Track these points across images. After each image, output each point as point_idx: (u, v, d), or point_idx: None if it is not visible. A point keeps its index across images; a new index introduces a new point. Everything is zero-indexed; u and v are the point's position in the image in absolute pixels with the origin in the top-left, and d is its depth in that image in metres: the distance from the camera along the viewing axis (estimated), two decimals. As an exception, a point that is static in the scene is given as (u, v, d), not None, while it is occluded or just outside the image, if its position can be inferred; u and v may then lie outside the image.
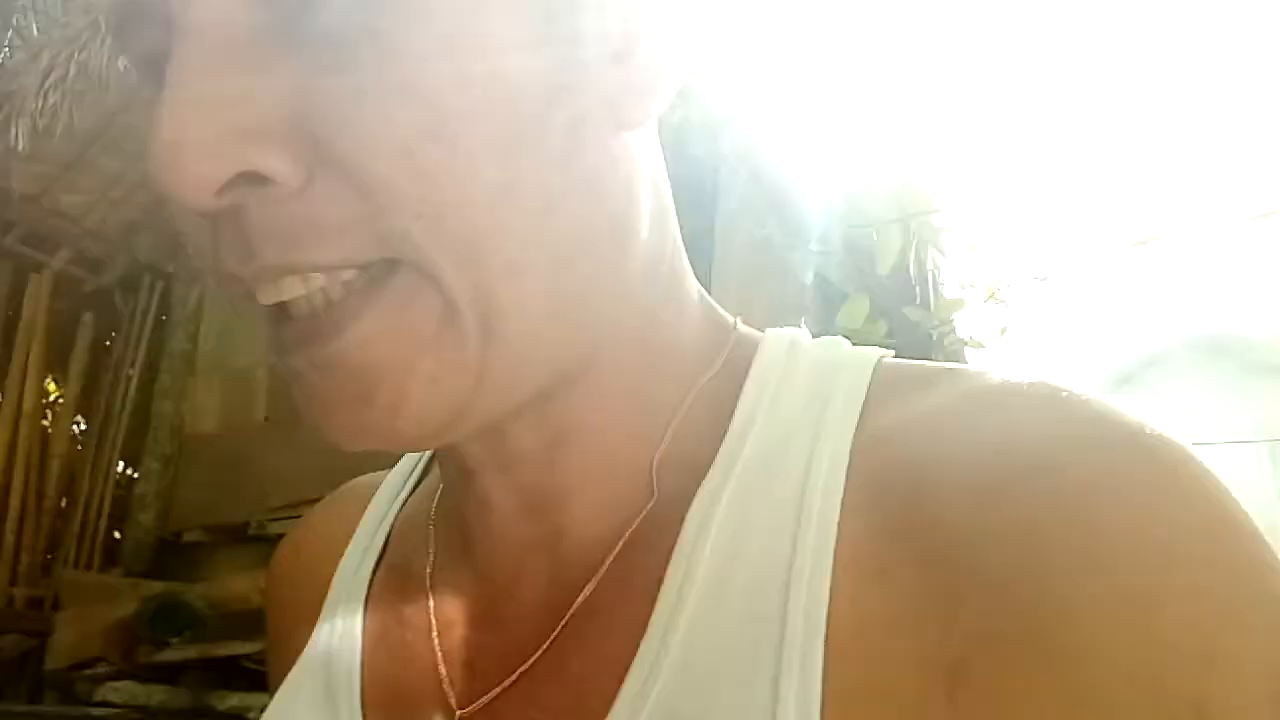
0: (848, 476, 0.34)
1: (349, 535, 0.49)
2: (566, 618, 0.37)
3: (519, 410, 0.36)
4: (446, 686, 0.39)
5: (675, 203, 0.41)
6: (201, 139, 0.29)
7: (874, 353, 0.40)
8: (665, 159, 0.40)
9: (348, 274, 0.31)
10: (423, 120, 0.30)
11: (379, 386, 0.32)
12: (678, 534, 0.35)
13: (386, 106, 0.30)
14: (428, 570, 0.43)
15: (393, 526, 0.48)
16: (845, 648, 0.31)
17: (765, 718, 0.30)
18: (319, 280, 0.31)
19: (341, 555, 0.48)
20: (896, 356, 0.41)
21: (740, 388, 0.39)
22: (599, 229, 0.35)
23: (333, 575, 0.48)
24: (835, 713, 0.30)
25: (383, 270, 0.31)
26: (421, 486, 0.49)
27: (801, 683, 0.30)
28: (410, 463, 0.50)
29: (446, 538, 0.44)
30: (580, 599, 0.37)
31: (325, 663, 0.44)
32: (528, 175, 0.32)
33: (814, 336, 0.42)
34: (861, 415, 0.36)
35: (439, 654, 0.40)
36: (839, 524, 0.33)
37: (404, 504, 0.49)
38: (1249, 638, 0.27)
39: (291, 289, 0.31)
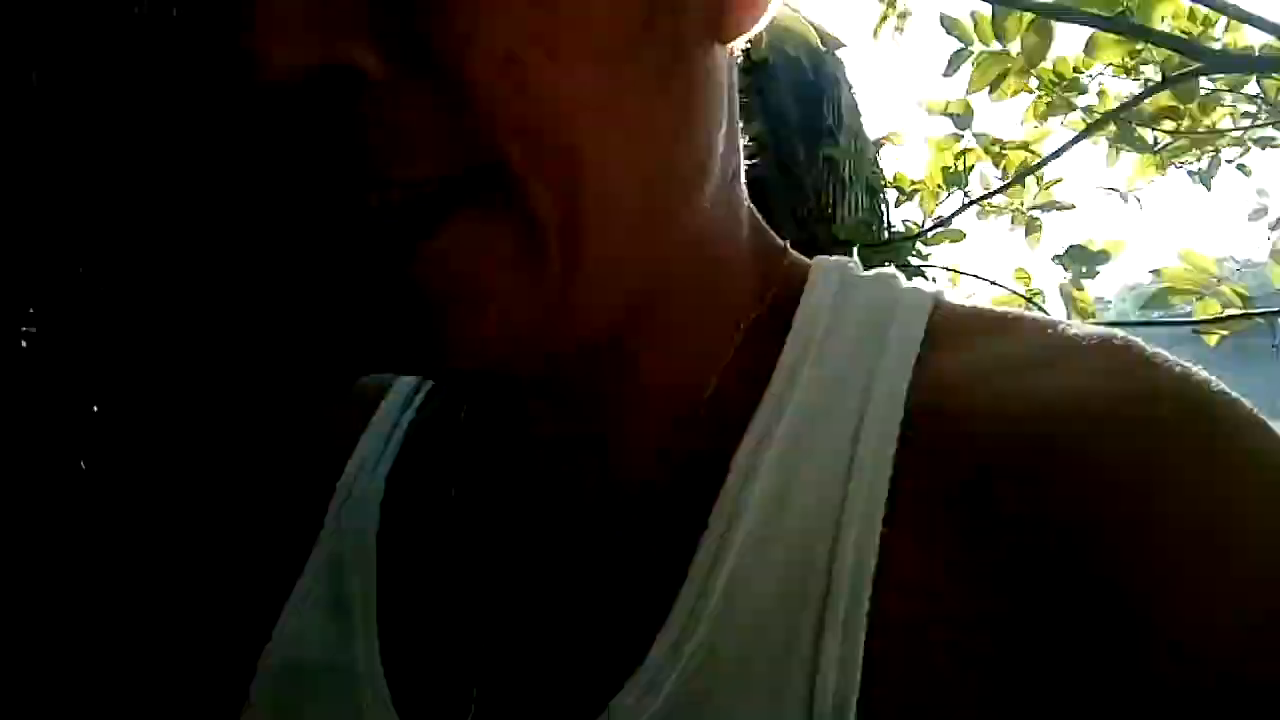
0: (903, 428, 0.32)
1: (357, 434, 0.46)
2: (603, 554, 0.35)
3: (586, 346, 0.33)
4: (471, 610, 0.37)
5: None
6: (286, 23, 0.25)
7: (929, 290, 0.38)
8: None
9: (428, 187, 0.28)
10: (529, 24, 0.27)
11: (448, 310, 0.29)
12: (723, 478, 0.34)
13: (491, 5, 0.27)
14: (451, 489, 0.41)
15: (407, 434, 0.45)
16: (891, 610, 0.30)
17: (805, 675, 0.30)
18: (397, 193, 0.28)
19: (348, 455, 0.46)
20: None
21: (789, 323, 0.37)
22: (690, 151, 0.33)
23: (338, 475, 0.45)
24: (876, 674, 0.29)
25: (463, 184, 0.28)
26: (435, 392, 0.46)
27: (845, 643, 0.29)
28: None
29: (472, 455, 0.41)
30: (620, 535, 0.35)
31: (335, 569, 0.42)
32: (630, 90, 0.30)
33: None
34: (919, 361, 0.34)
35: (464, 577, 0.38)
36: (892, 479, 0.31)
37: (418, 410, 0.46)
38: None
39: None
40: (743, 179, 0.38)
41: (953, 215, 1.98)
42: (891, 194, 2.10)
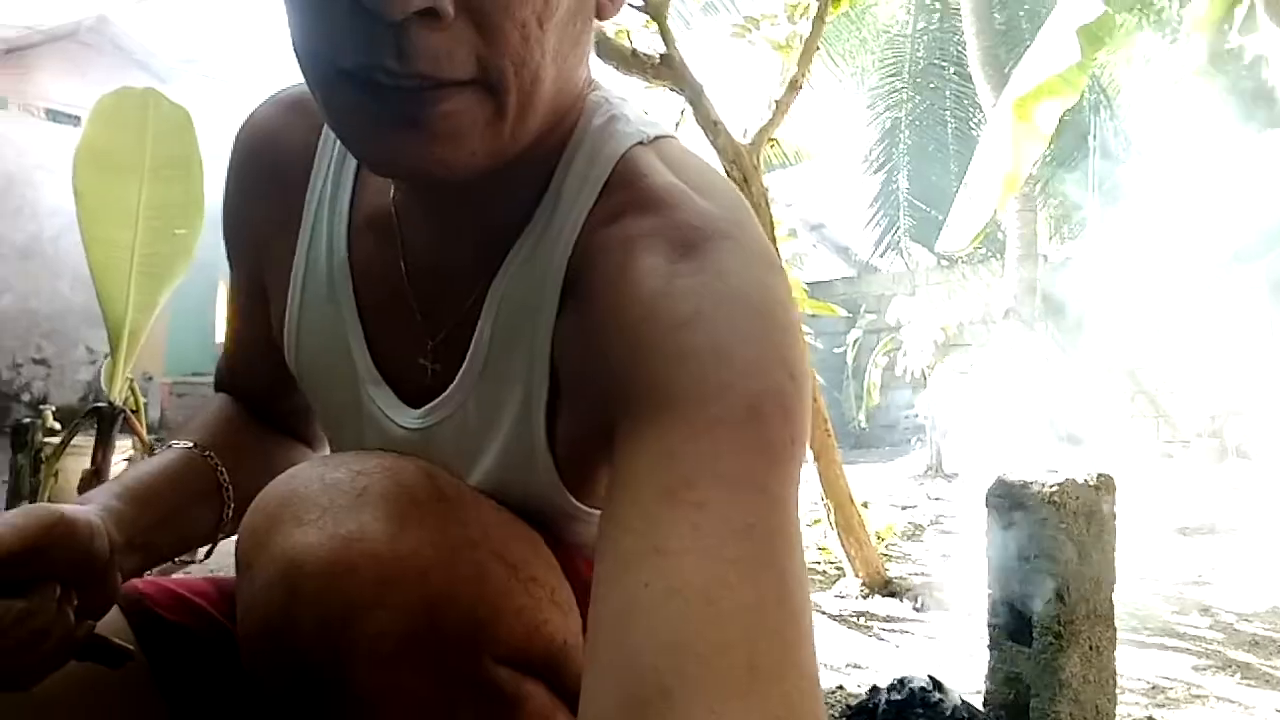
0: (567, 276, 0.58)
1: (308, 142, 0.69)
2: (448, 287, 0.64)
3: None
4: (412, 301, 0.65)
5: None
6: None
7: (630, 141, 0.60)
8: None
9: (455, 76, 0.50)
10: (536, 8, 0.50)
11: (445, 143, 0.51)
12: (503, 261, 0.61)
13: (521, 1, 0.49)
14: (395, 221, 0.65)
15: (354, 185, 0.67)
16: (560, 349, 0.59)
17: (527, 399, 0.60)
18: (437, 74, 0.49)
19: (306, 158, 0.69)
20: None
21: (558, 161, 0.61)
22: (580, 69, 0.60)
23: (301, 172, 0.69)
24: (562, 405, 0.60)
25: (473, 80, 0.50)
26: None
27: (542, 362, 0.59)
28: None
29: (399, 209, 0.65)
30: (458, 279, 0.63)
31: (327, 266, 0.68)
32: (565, 45, 0.54)
33: None
34: (586, 224, 0.58)
35: (408, 284, 0.65)
36: (559, 307, 0.59)
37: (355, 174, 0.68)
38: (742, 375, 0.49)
39: (413, 77, 0.49)
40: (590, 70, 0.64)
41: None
42: None
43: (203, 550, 0.74)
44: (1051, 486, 1.52)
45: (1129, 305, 7.62)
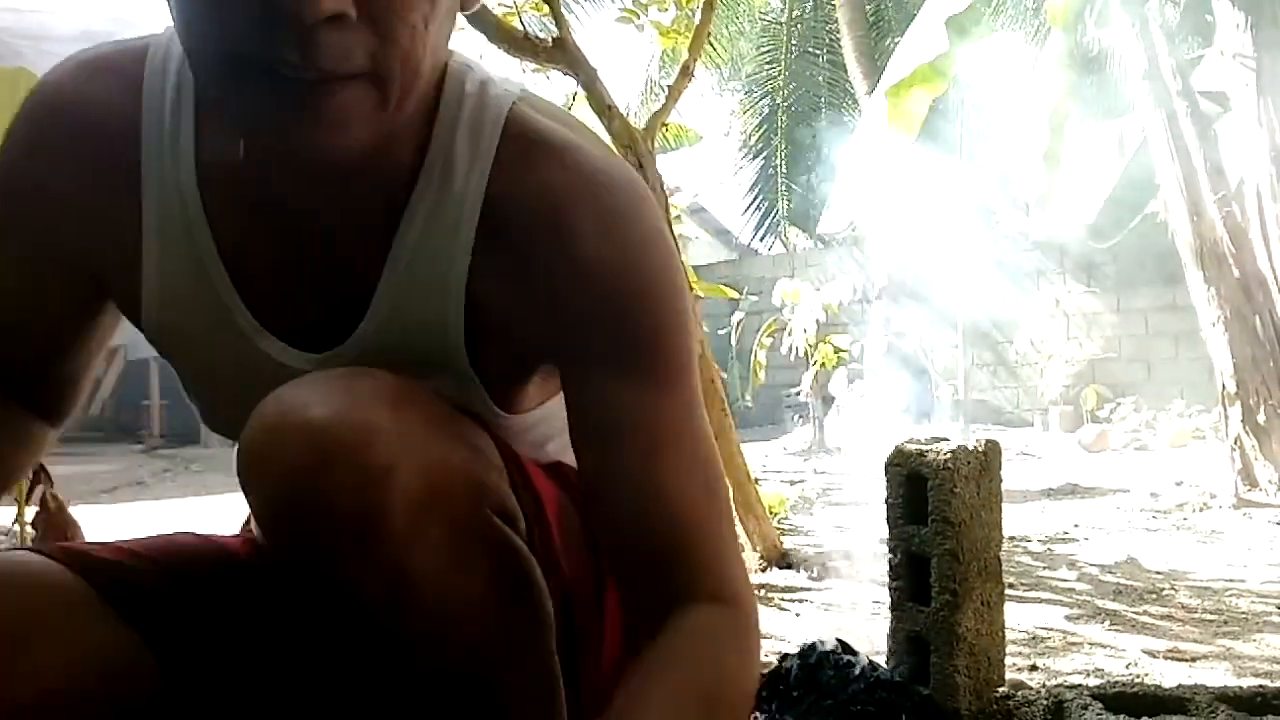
0: (482, 219, 0.67)
1: (124, 103, 0.67)
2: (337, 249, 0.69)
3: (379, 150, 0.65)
4: (290, 255, 0.69)
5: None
6: None
7: (509, 100, 0.69)
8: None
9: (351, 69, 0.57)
10: (423, 13, 0.58)
11: (335, 130, 0.58)
12: (398, 225, 0.67)
13: (410, 5, 0.57)
14: (257, 178, 0.66)
15: (196, 125, 0.67)
16: (476, 289, 0.68)
17: (443, 334, 0.68)
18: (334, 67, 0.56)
19: (125, 120, 0.67)
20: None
21: (431, 126, 0.67)
22: (445, 54, 0.67)
23: (120, 135, 0.67)
24: (486, 337, 0.69)
25: (365, 73, 0.57)
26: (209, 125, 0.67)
27: (458, 316, 0.68)
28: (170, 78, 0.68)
29: (260, 169, 0.66)
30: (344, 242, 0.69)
31: (181, 225, 0.68)
32: (441, 38, 0.62)
33: None
34: (492, 174, 0.67)
35: (280, 240, 0.69)
36: (473, 249, 0.67)
37: (195, 107, 0.67)
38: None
39: (313, 70, 0.55)
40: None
41: None
42: None
43: None
44: (946, 454, 1.61)
45: (987, 281, 8.07)
